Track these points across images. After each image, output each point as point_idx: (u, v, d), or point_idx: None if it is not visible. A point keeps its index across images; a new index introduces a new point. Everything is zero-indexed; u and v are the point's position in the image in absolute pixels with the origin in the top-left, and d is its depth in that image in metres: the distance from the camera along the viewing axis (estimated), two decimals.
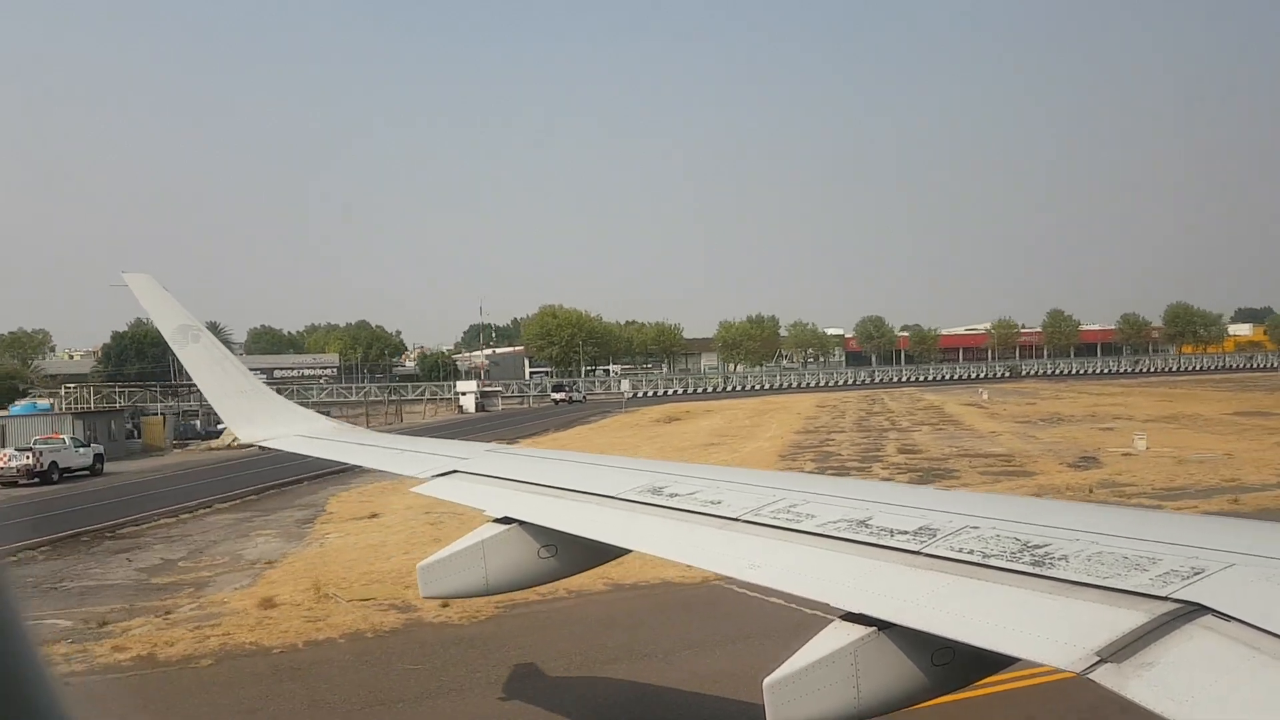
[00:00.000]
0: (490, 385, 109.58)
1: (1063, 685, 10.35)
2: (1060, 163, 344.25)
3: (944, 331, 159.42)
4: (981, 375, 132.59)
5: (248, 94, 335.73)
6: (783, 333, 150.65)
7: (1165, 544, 3.46)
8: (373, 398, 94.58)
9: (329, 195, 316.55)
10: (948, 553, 3.84)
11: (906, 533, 4.15)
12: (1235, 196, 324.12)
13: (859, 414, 65.90)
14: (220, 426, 65.07)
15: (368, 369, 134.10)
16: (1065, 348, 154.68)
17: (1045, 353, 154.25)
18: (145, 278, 10.78)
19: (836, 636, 3.67)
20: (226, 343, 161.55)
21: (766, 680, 3.58)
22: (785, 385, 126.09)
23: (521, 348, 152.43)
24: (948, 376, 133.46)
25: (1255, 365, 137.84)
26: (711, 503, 5.27)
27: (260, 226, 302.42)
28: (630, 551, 5.56)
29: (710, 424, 61.75)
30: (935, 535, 4.04)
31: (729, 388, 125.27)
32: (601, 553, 6.21)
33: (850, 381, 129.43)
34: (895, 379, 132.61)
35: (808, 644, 3.70)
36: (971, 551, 3.78)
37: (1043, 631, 3.13)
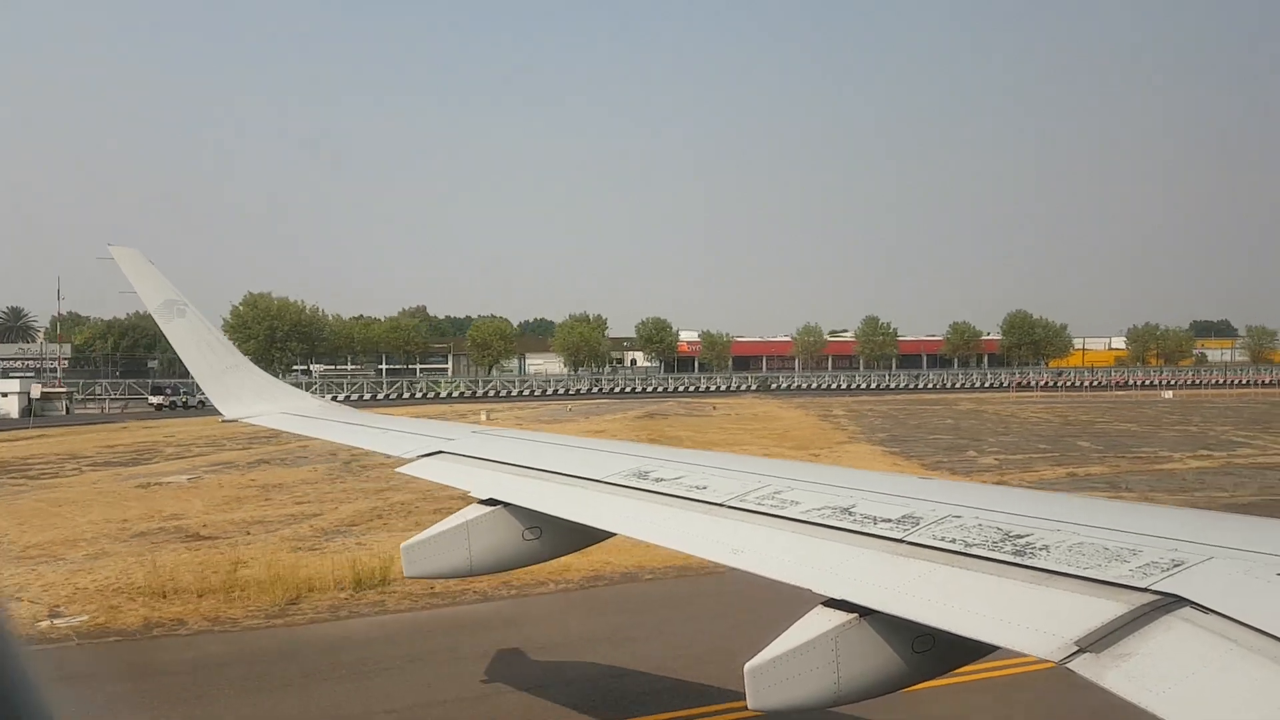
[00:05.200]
0: (56, 386, 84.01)
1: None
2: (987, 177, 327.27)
3: (741, 338, 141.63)
4: (726, 388, 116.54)
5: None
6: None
7: (1146, 536, 3.49)
8: None
9: (238, 187, 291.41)
10: (930, 541, 3.86)
11: (890, 520, 4.17)
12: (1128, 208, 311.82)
13: None
14: None
15: (116, 361, 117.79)
16: (877, 359, 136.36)
17: (857, 364, 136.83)
18: (132, 252, 10.69)
19: (818, 623, 3.68)
20: (28, 328, 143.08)
21: (747, 665, 3.59)
22: (495, 393, 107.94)
23: None
24: (684, 389, 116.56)
25: (1064, 383, 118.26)
26: (697, 488, 5.28)
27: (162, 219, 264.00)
28: (615, 535, 5.57)
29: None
30: (918, 523, 4.06)
31: (442, 395, 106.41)
32: (586, 535, 6.21)
33: (574, 390, 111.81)
34: (632, 389, 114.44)
35: (789, 630, 3.70)
36: (954, 540, 3.80)
37: (1023, 620, 3.15)
